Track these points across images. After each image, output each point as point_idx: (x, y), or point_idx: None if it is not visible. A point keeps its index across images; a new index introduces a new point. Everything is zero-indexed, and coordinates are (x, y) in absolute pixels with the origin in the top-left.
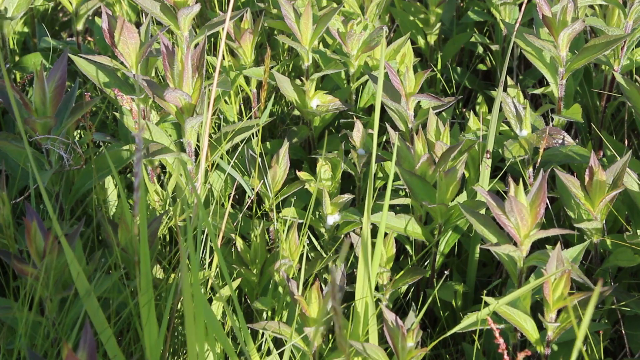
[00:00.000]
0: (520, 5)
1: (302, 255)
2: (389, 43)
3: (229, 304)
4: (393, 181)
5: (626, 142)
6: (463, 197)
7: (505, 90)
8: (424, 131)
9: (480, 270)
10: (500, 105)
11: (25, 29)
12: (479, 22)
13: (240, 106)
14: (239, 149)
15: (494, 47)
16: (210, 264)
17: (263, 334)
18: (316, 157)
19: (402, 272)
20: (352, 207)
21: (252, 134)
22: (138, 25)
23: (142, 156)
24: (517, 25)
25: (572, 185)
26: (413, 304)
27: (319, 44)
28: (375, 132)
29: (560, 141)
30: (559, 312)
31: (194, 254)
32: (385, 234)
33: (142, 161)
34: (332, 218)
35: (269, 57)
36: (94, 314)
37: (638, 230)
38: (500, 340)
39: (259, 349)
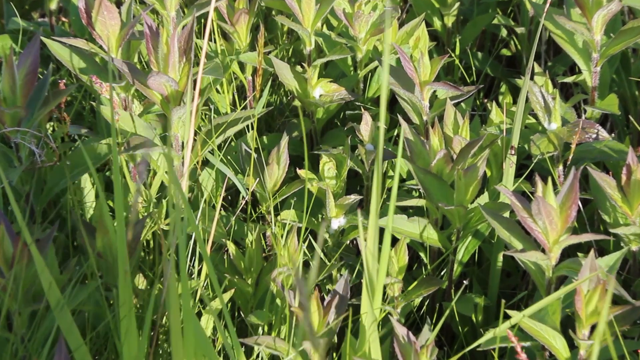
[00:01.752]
0: None
1: (302, 263)
2: (401, 25)
3: (220, 318)
4: (406, 180)
5: None
6: (484, 198)
7: (532, 78)
8: (441, 124)
9: (504, 280)
10: (527, 96)
11: None
12: (503, 1)
13: (233, 95)
14: (232, 143)
15: (520, 30)
16: (199, 273)
17: (259, 353)
18: (319, 153)
19: (415, 283)
20: (359, 209)
21: (247, 126)
22: (119, 4)
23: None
24: (547, 5)
25: (608, 186)
26: (428, 318)
27: (322, 25)
28: (382, 125)
29: (594, 136)
30: (593, 328)
31: (183, 261)
32: (397, 240)
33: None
34: (337, 222)
35: (262, 37)
36: (67, 329)
37: None
38: (523, 356)
39: None
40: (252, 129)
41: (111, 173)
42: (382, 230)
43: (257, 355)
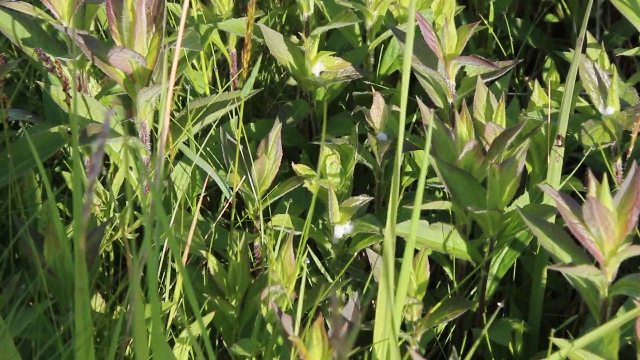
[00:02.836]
0: None
1: (299, 280)
2: None
3: (198, 346)
4: (427, 177)
5: None
6: (524, 199)
7: (583, 51)
8: (470, 108)
9: (549, 302)
10: (577, 72)
11: None
12: None
13: (213, 72)
14: (212, 132)
15: None
16: (172, 292)
17: None
18: (319, 143)
19: (438, 305)
20: (370, 213)
21: (231, 111)
22: None
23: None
24: None
25: None
26: (454, 348)
27: None
28: (404, 108)
29: None
30: None
31: (153, 278)
32: (416, 251)
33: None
34: (342, 229)
35: (253, 5)
36: None
37: None
38: None
39: None
40: (237, 114)
41: (61, 169)
42: (398, 240)
43: None
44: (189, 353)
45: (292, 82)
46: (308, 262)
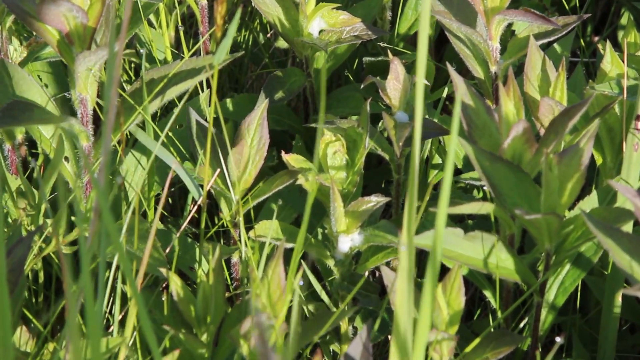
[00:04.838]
0: None
1: (291, 308)
2: None
3: None
4: (461, 172)
5: None
6: (592, 201)
7: None
8: (519, 79)
9: (625, 337)
10: None
11: None
12: None
13: (177, 32)
14: (175, 110)
15: None
16: (123, 324)
17: None
18: (318, 126)
19: (477, 340)
20: (386, 219)
21: (201, 83)
22: None
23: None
24: None
25: None
26: None
27: None
28: (422, 78)
29: None
30: None
31: (98, 305)
32: (447, 270)
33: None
34: (348, 240)
35: None
36: None
37: None
38: None
39: None
40: (209, 87)
41: None
42: (421, 253)
43: None
44: None
45: (282, 44)
46: (303, 283)
